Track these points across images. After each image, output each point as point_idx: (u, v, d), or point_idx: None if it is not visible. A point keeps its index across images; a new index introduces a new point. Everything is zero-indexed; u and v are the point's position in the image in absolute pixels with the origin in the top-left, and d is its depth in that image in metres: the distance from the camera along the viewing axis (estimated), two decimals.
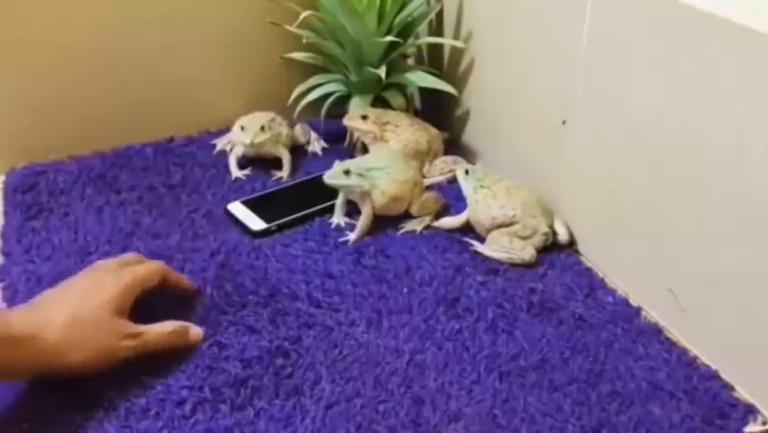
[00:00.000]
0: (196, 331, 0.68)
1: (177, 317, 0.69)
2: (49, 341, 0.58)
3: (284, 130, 0.96)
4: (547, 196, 0.82)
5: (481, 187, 0.81)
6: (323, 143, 1.01)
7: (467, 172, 0.84)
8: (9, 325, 0.58)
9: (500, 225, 0.79)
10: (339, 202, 0.85)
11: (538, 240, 0.78)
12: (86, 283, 0.64)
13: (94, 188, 0.90)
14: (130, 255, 0.72)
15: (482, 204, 0.80)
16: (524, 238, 0.78)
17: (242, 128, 0.93)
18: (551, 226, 0.80)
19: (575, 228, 0.81)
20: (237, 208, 0.86)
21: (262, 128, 0.93)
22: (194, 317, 0.70)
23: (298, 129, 1.00)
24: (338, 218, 0.85)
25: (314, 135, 1.01)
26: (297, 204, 0.87)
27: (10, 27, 0.90)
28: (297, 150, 0.99)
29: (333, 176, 0.81)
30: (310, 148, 1.00)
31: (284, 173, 0.94)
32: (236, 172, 0.94)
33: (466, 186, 0.83)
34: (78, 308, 0.61)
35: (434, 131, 0.95)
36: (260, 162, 0.96)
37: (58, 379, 0.62)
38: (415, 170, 0.87)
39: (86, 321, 0.61)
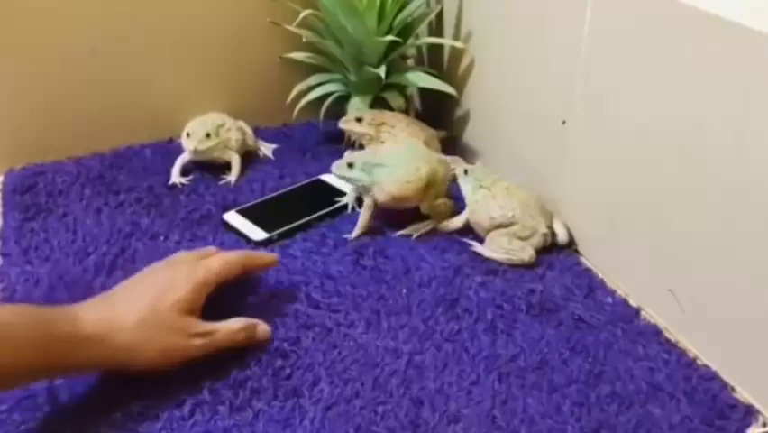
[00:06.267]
0: (263, 328, 0.67)
1: None
2: (119, 341, 0.59)
3: (234, 135, 0.95)
4: (547, 196, 0.82)
5: (480, 187, 0.81)
6: (272, 146, 1.00)
7: (466, 172, 0.83)
8: (80, 324, 0.58)
9: (499, 226, 0.78)
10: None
11: (537, 240, 0.78)
12: (160, 280, 0.64)
13: (92, 189, 0.90)
14: (211, 249, 0.72)
15: (481, 204, 0.80)
16: (523, 239, 0.78)
17: (188, 134, 0.92)
18: (550, 227, 0.80)
19: (575, 229, 0.81)
20: (234, 218, 0.85)
21: (208, 135, 0.92)
22: None
23: (250, 133, 0.99)
24: (349, 200, 0.86)
25: (261, 142, 1.00)
26: (295, 211, 0.86)
27: (9, 28, 0.90)
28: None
29: (337, 166, 0.81)
30: (258, 151, 1.00)
31: (231, 178, 0.93)
32: (176, 178, 0.93)
33: (465, 186, 0.83)
34: (150, 308, 0.61)
35: (430, 131, 0.95)
36: (213, 167, 0.95)
37: (54, 380, 0.62)
38: (431, 171, 0.80)
39: (157, 321, 0.61)
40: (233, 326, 0.65)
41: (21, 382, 0.59)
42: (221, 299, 0.68)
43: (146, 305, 0.61)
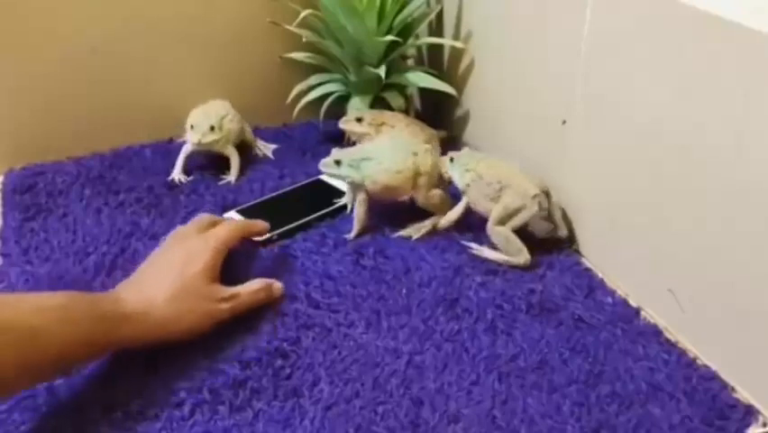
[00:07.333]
0: (277, 286, 0.73)
1: None
2: (157, 316, 0.63)
3: (235, 125, 0.94)
4: None
5: (467, 171, 0.81)
6: (272, 146, 1.00)
7: (452, 160, 0.83)
8: (121, 303, 0.63)
9: (493, 200, 0.78)
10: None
11: (533, 209, 0.77)
12: (177, 257, 0.69)
13: (92, 189, 0.90)
14: (204, 216, 0.76)
15: (472, 187, 0.80)
16: (518, 210, 0.76)
17: (192, 127, 0.91)
18: (544, 190, 0.78)
19: (575, 228, 0.81)
20: (234, 218, 0.85)
21: (212, 128, 0.91)
22: None
23: (248, 128, 0.99)
24: (348, 200, 0.86)
25: (261, 142, 1.00)
26: (295, 211, 0.85)
27: (9, 28, 0.90)
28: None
29: (325, 164, 0.81)
30: (258, 151, 0.99)
31: (231, 178, 0.93)
32: (177, 174, 0.92)
33: (454, 174, 0.83)
34: (178, 284, 0.66)
35: (430, 130, 0.95)
36: (212, 164, 0.95)
37: (57, 379, 0.62)
38: (419, 158, 0.81)
39: (187, 294, 0.66)
40: (252, 287, 0.71)
41: (73, 364, 0.62)
42: None
43: (172, 282, 0.66)
